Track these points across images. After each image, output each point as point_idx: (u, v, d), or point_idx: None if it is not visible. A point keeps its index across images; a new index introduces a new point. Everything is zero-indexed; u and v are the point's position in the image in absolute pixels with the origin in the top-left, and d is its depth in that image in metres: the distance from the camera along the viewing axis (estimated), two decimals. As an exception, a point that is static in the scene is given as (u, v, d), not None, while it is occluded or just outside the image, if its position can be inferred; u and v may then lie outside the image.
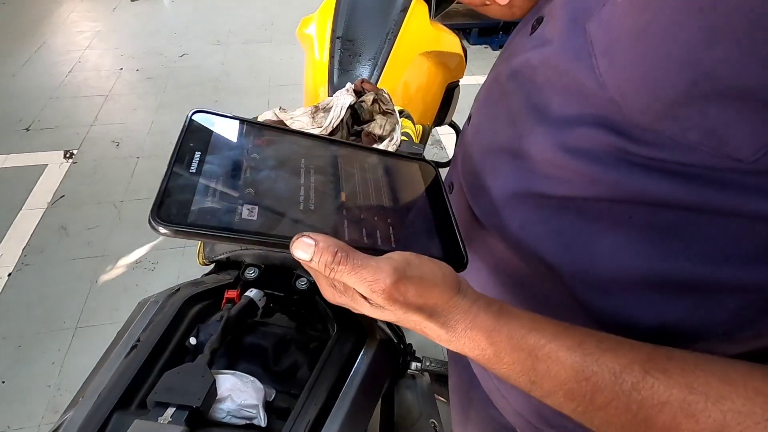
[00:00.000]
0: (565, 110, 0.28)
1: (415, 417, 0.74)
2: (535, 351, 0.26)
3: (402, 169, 0.38)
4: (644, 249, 0.27)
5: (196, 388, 0.38)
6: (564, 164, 0.28)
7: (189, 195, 0.27)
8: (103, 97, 2.36)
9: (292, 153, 0.34)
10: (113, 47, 2.79)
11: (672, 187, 0.24)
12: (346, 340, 0.48)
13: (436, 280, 0.27)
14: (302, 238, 0.26)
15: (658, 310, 0.28)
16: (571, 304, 0.32)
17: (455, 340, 0.28)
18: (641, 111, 0.24)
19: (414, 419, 0.73)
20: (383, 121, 0.60)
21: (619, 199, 0.27)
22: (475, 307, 0.27)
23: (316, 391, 0.42)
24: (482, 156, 0.37)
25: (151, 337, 0.46)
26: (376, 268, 0.25)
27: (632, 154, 0.25)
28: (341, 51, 0.82)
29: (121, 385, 0.41)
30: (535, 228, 0.32)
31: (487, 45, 2.92)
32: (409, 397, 0.79)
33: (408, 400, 0.78)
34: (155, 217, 0.25)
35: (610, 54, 0.25)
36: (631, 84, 0.24)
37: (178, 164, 0.28)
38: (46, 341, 1.36)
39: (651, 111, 0.23)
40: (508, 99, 0.34)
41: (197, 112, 0.32)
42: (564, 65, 0.28)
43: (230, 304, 0.51)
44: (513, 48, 0.36)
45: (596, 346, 0.25)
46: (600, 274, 0.29)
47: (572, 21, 0.27)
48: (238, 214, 0.27)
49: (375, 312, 0.28)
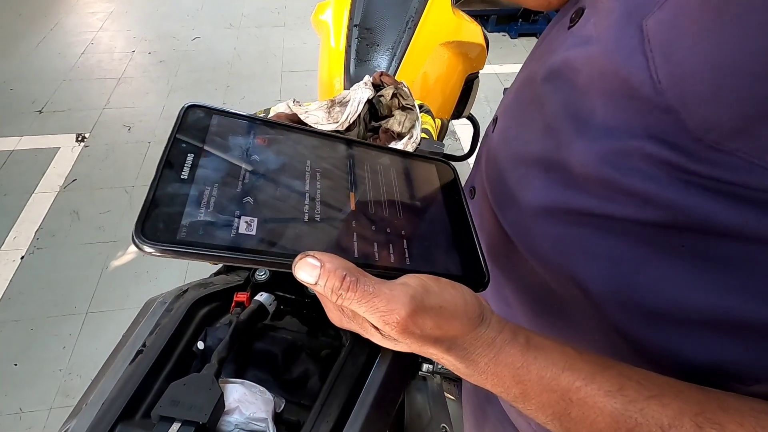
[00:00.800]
0: (612, 119, 0.25)
1: (426, 421, 0.72)
2: (568, 394, 0.23)
3: (417, 172, 0.34)
4: (697, 281, 0.24)
5: (202, 402, 0.36)
6: (608, 181, 0.25)
7: (179, 207, 0.23)
8: (115, 80, 2.35)
9: (297, 154, 0.30)
10: (125, 29, 2.76)
11: (738, 214, 0.21)
12: (360, 351, 0.46)
13: (457, 310, 0.24)
14: (306, 258, 0.23)
15: (710, 348, 0.25)
16: (608, 332, 0.29)
17: (476, 375, 0.25)
18: (708, 124, 0.20)
19: (424, 424, 0.72)
20: (402, 117, 0.57)
21: (671, 224, 0.23)
22: (499, 339, 0.25)
23: (328, 408, 0.40)
24: (511, 164, 0.34)
25: (158, 342, 0.44)
26: (390, 296, 0.23)
27: (692, 174, 0.22)
28: (358, 40, 0.78)
29: (125, 394, 0.39)
30: (569, 247, 0.29)
31: (506, 33, 2.83)
32: (419, 399, 0.78)
33: (418, 402, 0.76)
34: (139, 235, 0.22)
35: (672, 57, 0.21)
36: (698, 93, 0.20)
37: (168, 169, 0.25)
38: (57, 325, 1.38)
39: (722, 125, 0.20)
40: (544, 103, 0.30)
41: (191, 106, 0.28)
42: (612, 67, 0.24)
43: (239, 308, 0.49)
44: (549, 44, 0.32)
45: (639, 392, 0.22)
46: (644, 304, 0.26)
47: (625, 16, 0.24)
48: (234, 229, 0.24)
49: (386, 343, 0.25)
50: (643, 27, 0.22)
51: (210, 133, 0.28)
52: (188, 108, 0.28)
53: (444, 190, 0.33)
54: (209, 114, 0.29)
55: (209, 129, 0.28)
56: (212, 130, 0.28)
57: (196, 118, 0.28)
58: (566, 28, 0.30)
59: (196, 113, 0.28)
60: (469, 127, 1.15)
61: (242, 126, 0.30)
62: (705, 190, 0.22)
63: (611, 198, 0.25)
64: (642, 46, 0.22)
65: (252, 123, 0.30)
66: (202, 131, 0.28)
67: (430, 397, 0.79)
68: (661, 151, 0.22)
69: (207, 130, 0.28)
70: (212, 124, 0.28)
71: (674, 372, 0.24)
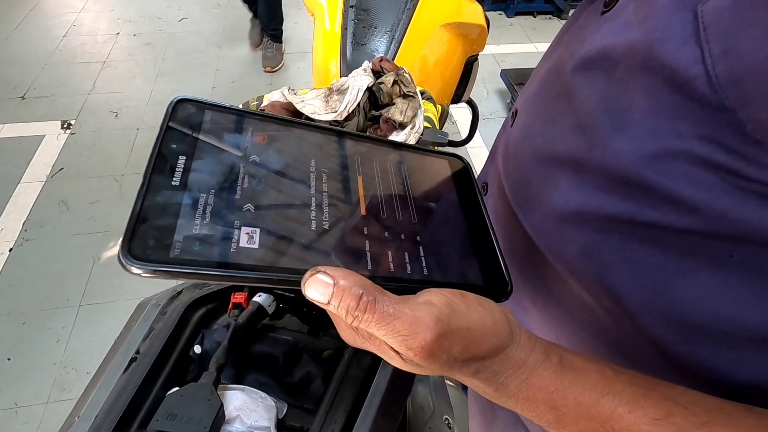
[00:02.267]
0: (656, 117, 0.22)
1: (428, 414, 0.72)
2: (610, 422, 0.21)
3: (430, 170, 0.31)
4: (746, 296, 0.22)
5: (201, 413, 0.35)
6: (650, 185, 0.23)
7: (171, 219, 0.21)
8: (100, 63, 2.27)
9: (300, 153, 0.27)
10: (109, 9, 2.66)
11: None
12: (364, 353, 0.44)
13: (486, 331, 0.22)
14: (317, 275, 0.20)
15: (754, 366, 0.23)
16: (641, 344, 0.27)
17: (505, 398, 0.23)
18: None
19: (427, 417, 0.71)
20: (404, 105, 0.54)
21: (722, 234, 0.21)
22: (531, 360, 0.22)
23: (333, 414, 0.39)
24: (534, 163, 0.31)
25: (152, 349, 0.42)
26: (413, 318, 0.20)
27: (751, 181, 0.20)
28: (355, 22, 0.74)
29: (119, 406, 0.37)
30: (600, 254, 0.27)
31: (502, 12, 2.77)
32: (421, 391, 0.77)
33: (420, 395, 0.76)
34: (126, 255, 0.19)
35: (733, 49, 0.19)
36: (765, 93, 0.18)
37: (157, 175, 0.22)
38: (50, 318, 1.35)
39: None
40: (574, 97, 0.28)
41: (181, 100, 0.25)
42: (658, 58, 0.21)
43: (237, 309, 0.46)
44: (579, 31, 0.29)
45: (688, 419, 0.21)
46: (683, 317, 0.24)
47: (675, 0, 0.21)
48: (234, 242, 0.21)
49: (407, 367, 0.22)
50: (699, 13, 0.20)
51: (203, 132, 0.25)
52: (177, 103, 0.25)
53: (459, 190, 0.31)
54: (201, 109, 0.26)
55: (202, 126, 0.25)
56: (205, 127, 0.25)
57: (186, 114, 0.25)
58: (599, 14, 0.27)
59: (187, 108, 0.25)
60: (466, 110, 1.12)
61: (239, 122, 0.27)
62: (763, 198, 0.20)
63: (652, 204, 0.23)
64: (696, 36, 0.20)
65: (249, 119, 0.27)
66: (195, 129, 0.25)
67: (432, 388, 0.78)
68: (712, 154, 0.20)
69: (200, 127, 0.25)
70: (205, 121, 0.25)
71: (712, 389, 0.23)
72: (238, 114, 0.27)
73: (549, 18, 2.78)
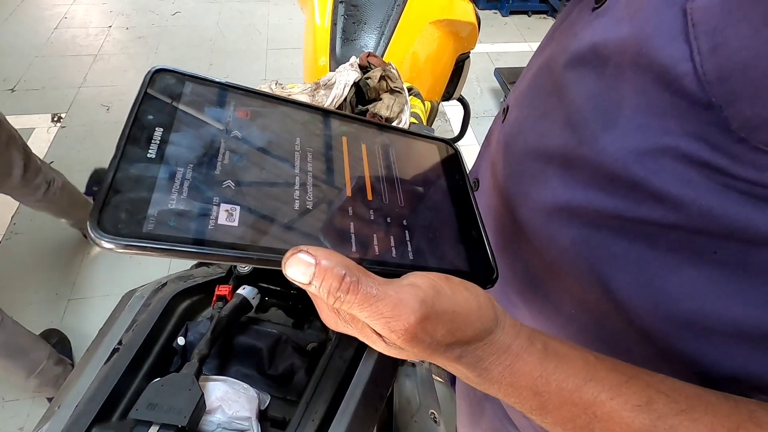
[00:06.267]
0: (644, 114, 0.22)
1: (415, 408, 0.72)
2: (592, 408, 0.21)
3: (418, 154, 0.31)
4: (727, 292, 0.22)
5: (182, 403, 0.35)
6: (637, 182, 0.23)
7: (145, 192, 0.20)
8: (91, 56, 2.25)
9: (284, 131, 0.26)
10: (101, 2, 2.63)
11: None
12: (347, 345, 0.45)
13: (471, 315, 0.21)
14: (298, 254, 0.19)
15: (735, 360, 0.23)
16: (631, 334, 0.27)
17: (488, 384, 0.23)
18: (756, 123, 0.18)
19: (413, 410, 0.72)
20: (391, 100, 0.54)
21: (706, 231, 0.22)
22: (515, 345, 0.22)
23: (315, 404, 0.39)
24: (525, 158, 0.31)
25: (135, 339, 0.42)
26: (396, 300, 0.20)
27: (734, 178, 0.20)
28: (345, 17, 0.74)
29: (100, 396, 0.37)
30: (590, 249, 0.27)
31: (497, 10, 2.77)
32: (408, 385, 0.77)
33: (407, 389, 0.76)
34: (95, 227, 0.18)
35: (722, 47, 0.19)
36: (749, 89, 0.18)
37: (132, 146, 0.21)
38: (39, 312, 1.34)
39: None
40: (565, 93, 0.28)
41: (159, 70, 0.24)
42: (648, 55, 0.21)
43: (221, 302, 0.47)
44: (570, 27, 0.29)
45: (668, 406, 0.21)
46: (669, 311, 0.24)
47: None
48: (212, 219, 0.20)
49: (390, 351, 0.22)
50: (687, 10, 0.20)
51: (183, 103, 0.24)
52: (156, 72, 0.24)
53: (448, 175, 0.30)
54: (181, 80, 0.25)
55: (181, 98, 0.24)
56: (185, 99, 0.24)
57: (165, 84, 0.24)
58: (590, 9, 0.27)
59: (166, 79, 0.24)
60: (459, 107, 1.13)
61: (220, 95, 0.26)
62: (747, 196, 0.20)
63: (639, 200, 0.23)
64: (685, 33, 0.20)
65: (232, 92, 0.26)
66: (174, 100, 0.24)
67: (419, 383, 0.79)
68: (698, 152, 0.20)
69: (179, 99, 0.24)
70: (185, 93, 0.24)
71: (698, 381, 0.23)
72: (221, 87, 0.26)
73: (543, 17, 2.79)
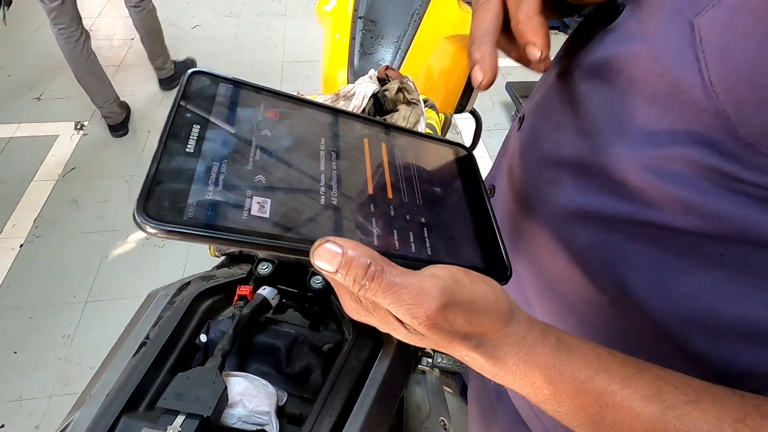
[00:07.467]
0: (656, 123, 0.24)
1: (425, 415, 0.73)
2: (604, 397, 0.22)
3: (436, 156, 0.32)
4: (734, 292, 0.23)
5: (207, 395, 0.37)
6: (648, 188, 0.24)
7: (185, 183, 0.21)
8: (114, 67, 2.33)
9: (311, 131, 0.28)
10: (125, 15, 2.70)
11: None
12: (363, 346, 0.46)
13: (488, 305, 0.23)
14: (326, 244, 0.21)
15: (742, 358, 0.24)
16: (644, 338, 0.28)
17: (503, 374, 0.24)
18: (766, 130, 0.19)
19: (423, 417, 0.72)
20: (407, 111, 0.56)
21: (715, 234, 0.23)
22: (529, 337, 0.24)
23: (331, 402, 0.40)
24: (540, 166, 0.33)
25: (161, 335, 0.44)
26: (419, 288, 0.21)
27: (742, 182, 0.21)
28: (363, 32, 0.77)
29: (129, 387, 0.39)
30: (604, 252, 0.28)
31: (509, 25, 2.81)
32: (418, 392, 0.78)
33: (417, 396, 0.77)
34: (142, 213, 0.19)
35: (728, 59, 0.20)
36: (754, 97, 0.19)
37: (172, 141, 0.22)
38: (57, 314, 1.38)
39: None
40: (579, 104, 0.29)
41: (196, 72, 0.26)
42: (658, 68, 0.23)
43: (242, 301, 0.49)
44: (584, 41, 0.31)
45: (677, 397, 0.22)
46: (685, 312, 0.25)
47: (674, 12, 0.22)
48: (246, 210, 0.22)
49: (411, 338, 0.23)
50: (695, 25, 0.21)
51: (217, 104, 0.25)
52: (192, 74, 0.26)
53: (463, 177, 0.32)
54: (215, 82, 0.26)
55: (216, 98, 0.26)
56: (219, 100, 0.26)
57: (201, 85, 0.26)
58: (603, 25, 0.29)
59: (201, 81, 0.26)
60: (471, 120, 1.15)
61: (252, 97, 0.27)
62: (755, 200, 0.21)
63: (650, 205, 0.25)
64: (693, 46, 0.21)
65: (262, 94, 0.28)
66: (209, 101, 0.25)
67: (430, 390, 0.79)
68: (707, 158, 0.21)
69: (213, 99, 0.25)
70: (219, 94, 0.26)
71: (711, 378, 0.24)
72: (252, 89, 0.28)
73: (556, 33, 2.82)
